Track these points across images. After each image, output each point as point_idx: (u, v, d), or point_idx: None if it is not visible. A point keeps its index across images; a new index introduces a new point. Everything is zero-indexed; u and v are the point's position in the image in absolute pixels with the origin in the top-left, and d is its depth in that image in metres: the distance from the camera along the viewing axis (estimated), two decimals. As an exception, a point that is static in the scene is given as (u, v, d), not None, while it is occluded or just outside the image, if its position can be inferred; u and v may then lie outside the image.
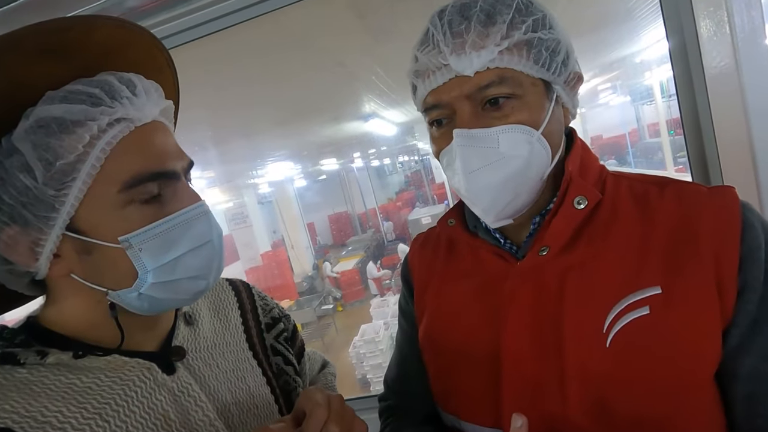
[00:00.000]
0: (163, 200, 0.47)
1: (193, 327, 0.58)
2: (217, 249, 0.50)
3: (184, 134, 0.57)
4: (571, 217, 0.52)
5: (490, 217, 0.54)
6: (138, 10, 1.01)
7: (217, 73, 2.35)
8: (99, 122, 0.43)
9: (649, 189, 0.55)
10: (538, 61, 0.51)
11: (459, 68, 0.50)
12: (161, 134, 0.49)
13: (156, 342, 0.54)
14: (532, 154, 0.51)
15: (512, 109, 0.51)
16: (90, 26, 0.46)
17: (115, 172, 0.44)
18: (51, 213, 0.43)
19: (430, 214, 9.83)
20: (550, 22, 0.52)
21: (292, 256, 10.24)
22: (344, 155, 11.05)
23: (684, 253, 0.49)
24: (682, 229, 0.50)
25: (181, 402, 0.50)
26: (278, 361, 0.66)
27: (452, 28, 0.50)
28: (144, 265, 0.45)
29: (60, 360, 0.46)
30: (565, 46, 0.53)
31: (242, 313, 0.66)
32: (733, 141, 0.82)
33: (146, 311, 0.49)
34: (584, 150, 0.58)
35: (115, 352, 0.49)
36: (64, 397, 0.45)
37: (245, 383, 0.58)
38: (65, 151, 0.42)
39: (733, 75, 0.79)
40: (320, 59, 2.57)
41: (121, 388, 0.47)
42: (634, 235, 0.52)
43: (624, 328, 0.48)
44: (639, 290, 0.49)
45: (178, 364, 0.53)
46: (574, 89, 0.56)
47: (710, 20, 0.79)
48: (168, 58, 0.56)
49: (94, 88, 0.45)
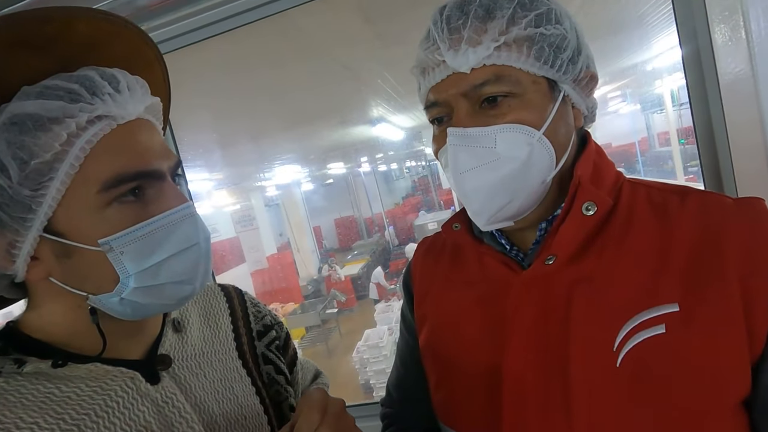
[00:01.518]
0: (147, 201, 0.45)
1: (181, 334, 0.56)
2: (203, 252, 0.48)
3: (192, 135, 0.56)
4: (580, 224, 0.49)
5: (481, 219, 0.52)
6: (145, 9, 1.01)
7: (226, 76, 2.36)
8: (78, 119, 0.41)
9: (669, 198, 0.51)
10: (539, 57, 0.48)
11: (455, 65, 0.48)
12: (146, 132, 0.47)
13: (141, 349, 0.52)
14: (532, 156, 0.48)
15: (510, 108, 0.48)
16: (71, 18, 0.44)
17: (95, 171, 0.42)
18: (27, 214, 0.41)
19: (437, 220, 9.80)
20: (557, 17, 0.49)
21: (297, 260, 10.25)
22: (351, 159, 11.07)
23: (706, 270, 0.45)
24: (705, 243, 0.46)
25: (165, 413, 0.48)
26: (269, 370, 0.63)
27: (450, 23, 0.49)
28: (126, 268, 0.43)
29: (38, 369, 0.44)
30: (574, 42, 0.50)
31: (233, 320, 0.63)
32: (748, 150, 0.79)
33: (129, 317, 0.47)
34: (599, 154, 0.55)
35: (97, 360, 0.47)
36: (41, 407, 0.42)
37: (233, 393, 0.56)
38: (41, 149, 0.40)
39: (748, 81, 0.77)
40: (328, 63, 2.58)
41: (101, 398, 0.45)
42: (651, 248, 0.48)
43: (636, 347, 0.45)
44: (654, 307, 0.45)
45: (164, 373, 0.50)
46: (587, 89, 0.53)
47: (725, 25, 0.77)
48: (157, 52, 0.54)
49: (74, 83, 0.43)
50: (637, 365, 0.45)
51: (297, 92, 3.15)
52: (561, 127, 0.51)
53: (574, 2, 2.19)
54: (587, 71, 0.52)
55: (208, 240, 0.49)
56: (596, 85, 0.54)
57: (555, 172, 0.50)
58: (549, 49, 0.48)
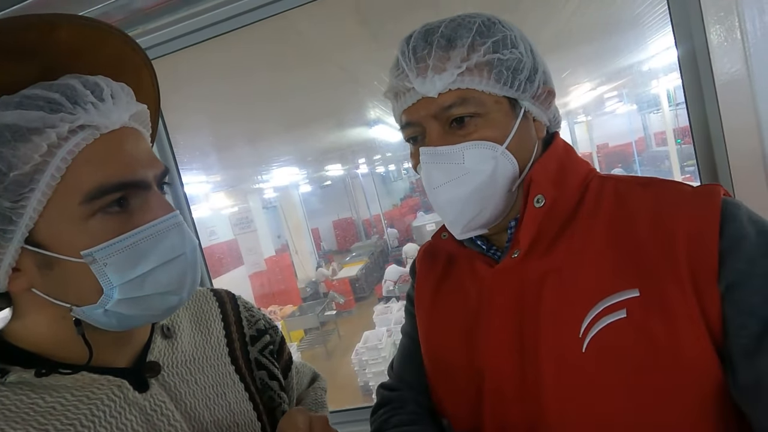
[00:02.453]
0: (132, 211, 0.44)
1: (171, 340, 0.55)
2: (190, 262, 0.47)
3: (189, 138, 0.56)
4: (533, 216, 0.53)
5: (456, 229, 0.57)
6: (142, 12, 1.01)
7: (222, 78, 2.36)
8: (58, 130, 0.40)
9: (632, 189, 0.54)
10: (499, 80, 0.53)
11: (423, 91, 0.53)
12: (131, 141, 0.46)
13: (129, 357, 0.51)
14: (497, 168, 0.53)
15: (476, 127, 0.53)
16: (51, 26, 0.43)
17: (77, 182, 0.41)
18: (8, 225, 0.41)
19: (435, 221, 9.81)
20: (512, 42, 0.54)
21: (296, 262, 10.23)
22: (349, 161, 11.07)
23: (661, 255, 0.48)
24: (660, 230, 0.49)
25: (154, 421, 0.47)
26: (262, 376, 0.63)
27: (416, 53, 0.54)
28: (109, 280, 0.42)
29: (22, 378, 0.43)
30: (530, 62, 0.54)
31: (226, 325, 0.63)
32: (744, 149, 0.80)
33: (115, 327, 0.46)
34: (567, 152, 0.59)
35: (84, 369, 0.46)
36: (24, 418, 0.42)
37: (225, 400, 0.55)
38: (20, 161, 0.40)
39: (744, 81, 0.77)
40: (325, 65, 2.58)
41: (87, 408, 0.44)
42: (613, 237, 0.51)
43: (600, 333, 0.48)
44: (616, 293, 0.48)
45: (152, 380, 0.50)
46: (545, 104, 0.58)
47: (721, 26, 0.78)
48: (145, 58, 0.53)
49: (54, 92, 0.42)
50: (602, 350, 0.48)
51: (294, 94, 3.15)
52: (523, 140, 0.55)
53: (570, 4, 2.19)
54: (544, 87, 0.57)
55: (195, 250, 0.48)
56: (554, 99, 0.59)
57: (519, 180, 0.55)
58: (507, 72, 0.53)
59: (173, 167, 1.27)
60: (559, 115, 0.63)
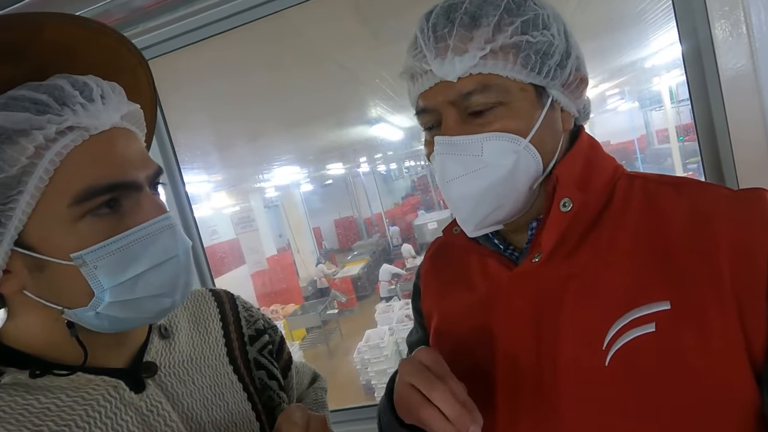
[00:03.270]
0: (123, 213, 0.43)
1: (168, 341, 0.54)
2: (183, 265, 0.46)
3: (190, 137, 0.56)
4: (558, 221, 0.49)
5: (469, 226, 0.53)
6: (141, 10, 1.00)
7: (223, 77, 2.35)
8: (45, 131, 0.40)
9: (663, 190, 0.50)
10: (526, 65, 0.48)
11: (441, 74, 0.48)
12: (122, 141, 0.45)
13: (126, 357, 0.50)
14: (518, 163, 0.48)
15: (497, 117, 0.48)
16: (38, 25, 0.42)
17: (66, 184, 0.41)
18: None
19: (436, 220, 9.80)
20: (544, 22, 0.48)
21: (297, 261, 10.24)
22: (350, 160, 11.06)
23: (698, 266, 0.44)
24: (697, 238, 0.45)
25: (150, 422, 0.47)
26: (261, 376, 0.62)
27: (436, 31, 0.48)
28: (100, 283, 0.42)
29: (16, 380, 0.43)
30: (562, 46, 0.49)
31: (224, 324, 0.62)
32: (749, 145, 0.79)
33: (108, 330, 0.45)
34: (593, 149, 0.54)
35: (80, 370, 0.45)
36: (18, 419, 0.41)
37: (223, 400, 0.54)
38: (6, 163, 0.39)
39: (749, 77, 0.76)
40: (325, 63, 2.57)
41: (83, 409, 0.44)
42: (643, 243, 0.47)
43: (626, 346, 0.45)
44: (644, 305, 0.45)
45: (149, 381, 0.49)
46: (576, 93, 0.53)
47: (726, 20, 0.77)
48: (140, 57, 0.52)
49: (41, 93, 0.41)
50: (626, 364, 0.45)
51: (294, 93, 3.15)
52: (548, 133, 0.51)
53: (572, 0, 2.18)
54: (576, 74, 0.52)
55: (188, 252, 0.47)
56: (586, 87, 0.54)
57: (542, 177, 0.51)
58: (536, 56, 0.48)
59: (175, 167, 1.26)
60: (589, 105, 0.58)
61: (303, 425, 0.45)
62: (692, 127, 0.88)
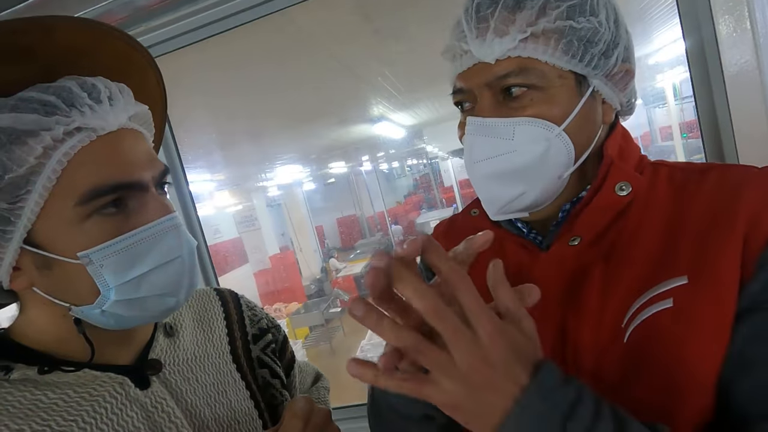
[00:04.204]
0: (129, 213, 0.44)
1: (173, 339, 0.55)
2: (187, 265, 0.47)
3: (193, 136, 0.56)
4: (611, 204, 0.48)
5: (491, 209, 0.52)
6: (146, 10, 1.01)
7: (225, 75, 2.36)
8: (53, 132, 0.41)
9: (689, 177, 0.50)
10: (567, 51, 0.46)
11: (479, 55, 0.47)
12: (129, 142, 0.46)
13: (131, 355, 0.51)
14: (549, 152, 0.47)
15: (532, 102, 0.47)
16: (48, 29, 0.44)
17: (72, 184, 0.42)
18: (6, 226, 0.41)
19: (438, 218, 9.80)
20: (592, 8, 0.47)
21: (300, 259, 10.26)
22: (353, 158, 11.07)
23: (717, 236, 0.43)
24: (719, 210, 0.45)
25: (154, 418, 0.47)
26: (264, 374, 0.63)
27: (479, 11, 0.48)
28: (106, 282, 0.43)
29: (25, 375, 0.44)
30: (609, 35, 0.48)
31: (228, 323, 0.63)
32: (753, 142, 0.78)
33: (113, 327, 0.46)
34: (624, 138, 0.54)
35: (87, 366, 0.46)
36: (27, 414, 0.42)
37: (226, 397, 0.55)
38: (14, 163, 0.40)
39: (753, 73, 0.76)
40: (327, 61, 2.57)
41: (89, 404, 0.45)
42: (665, 225, 0.47)
43: (644, 323, 0.44)
44: (663, 281, 0.45)
45: (153, 378, 0.50)
46: (621, 84, 0.51)
47: (730, 16, 0.76)
48: (149, 58, 0.53)
49: (50, 95, 0.42)
50: (644, 339, 0.44)
51: (297, 91, 3.15)
52: (585, 123, 0.49)
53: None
54: (623, 66, 0.50)
55: (193, 252, 0.48)
56: (632, 79, 0.52)
57: (573, 168, 0.50)
58: (579, 43, 0.46)
59: (178, 166, 1.27)
60: (635, 99, 0.56)
61: (304, 417, 0.45)
62: (696, 125, 0.87)
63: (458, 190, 10.84)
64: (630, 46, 0.51)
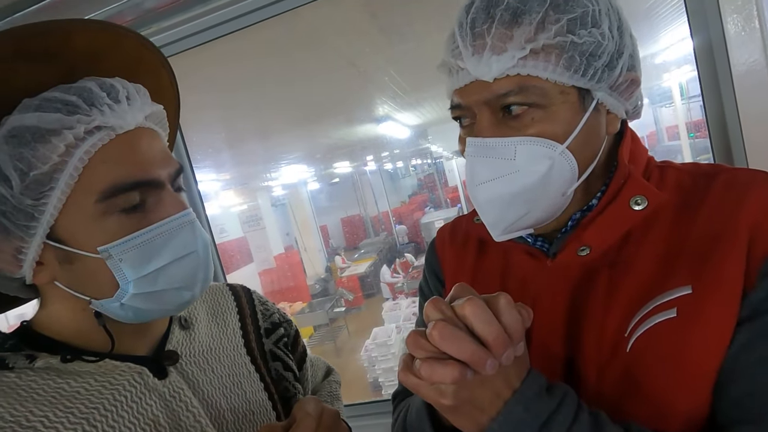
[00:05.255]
0: (146, 209, 0.46)
1: (188, 331, 0.57)
2: (202, 259, 0.48)
3: (198, 136, 0.57)
4: (625, 218, 0.47)
5: (496, 231, 0.51)
6: (154, 11, 1.02)
7: (230, 75, 2.37)
8: (75, 131, 0.42)
9: (696, 181, 0.49)
10: (569, 67, 0.44)
11: (476, 73, 0.46)
12: (146, 141, 0.47)
13: (149, 346, 0.53)
14: (552, 170, 0.46)
15: (533, 121, 0.45)
16: (68, 31, 0.45)
17: (93, 181, 0.43)
18: (30, 222, 0.43)
19: (443, 218, 9.78)
20: (594, 19, 0.44)
21: (304, 259, 10.29)
22: (357, 158, 11.08)
23: (721, 245, 0.43)
24: (724, 218, 0.44)
25: (172, 407, 0.49)
26: (277, 367, 0.64)
27: (474, 27, 0.46)
28: (125, 275, 0.44)
29: (49, 364, 0.45)
30: (613, 46, 0.46)
31: (241, 317, 0.64)
32: (761, 142, 0.78)
33: (131, 320, 0.48)
34: (633, 140, 0.53)
35: (107, 357, 0.48)
36: (51, 401, 0.44)
37: (241, 389, 0.56)
38: (39, 161, 0.41)
39: (762, 72, 0.76)
40: (333, 61, 2.58)
41: (110, 393, 0.46)
42: (672, 233, 0.46)
43: (648, 332, 0.44)
44: (668, 291, 0.44)
45: (171, 368, 0.51)
46: (626, 94, 0.49)
47: (738, 15, 0.76)
48: (162, 58, 0.55)
49: (72, 95, 0.44)
50: (646, 349, 0.44)
51: (303, 91, 3.16)
52: (589, 138, 0.48)
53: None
54: (627, 75, 0.47)
55: (207, 247, 0.49)
56: (638, 87, 0.50)
57: (576, 184, 0.48)
58: (581, 58, 0.44)
59: (187, 165, 1.28)
60: (641, 102, 0.54)
61: (317, 416, 0.46)
62: (703, 124, 0.87)
63: (462, 189, 10.82)
64: (635, 53, 0.49)
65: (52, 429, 0.42)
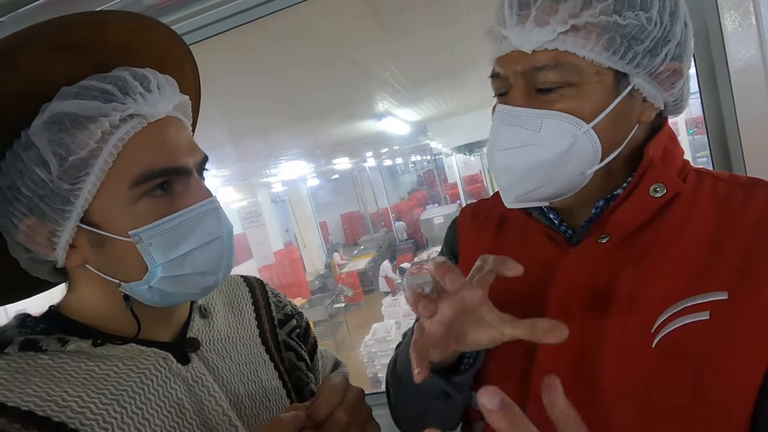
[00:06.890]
0: (174, 196, 0.48)
1: (207, 320, 0.59)
2: (226, 245, 0.50)
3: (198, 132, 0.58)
4: (644, 205, 0.47)
5: (508, 197, 0.51)
6: (155, 8, 1.02)
7: (230, 72, 2.37)
8: (111, 118, 0.44)
9: (734, 191, 0.49)
10: (609, 47, 0.44)
11: (516, 42, 0.46)
12: (174, 130, 0.49)
13: (171, 333, 0.55)
14: (573, 148, 0.46)
15: (563, 96, 0.46)
16: (104, 22, 0.47)
17: (126, 168, 0.45)
18: (66, 206, 0.45)
19: (443, 214, 9.79)
20: (643, 2, 0.43)
21: (304, 255, 10.30)
22: (357, 154, 11.07)
23: (764, 257, 0.43)
24: (764, 232, 0.44)
25: (195, 392, 0.51)
26: (290, 357, 0.66)
27: None
28: (153, 259, 0.46)
29: (80, 347, 0.47)
30: (658, 32, 0.44)
31: (256, 308, 0.66)
32: (759, 138, 0.79)
33: (158, 303, 0.49)
34: (671, 139, 0.52)
35: (132, 341, 0.50)
36: (83, 383, 0.46)
37: (257, 376, 0.59)
38: (77, 146, 0.43)
39: (759, 68, 0.76)
40: (334, 57, 2.58)
41: (137, 376, 0.48)
42: (707, 237, 0.46)
43: (676, 331, 0.44)
44: (701, 294, 0.44)
45: (193, 355, 0.53)
46: (666, 84, 0.48)
47: (735, 11, 0.77)
48: (187, 51, 0.56)
49: (108, 84, 0.45)
50: (674, 348, 0.44)
51: (303, 87, 3.16)
52: (618, 122, 0.47)
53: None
54: (671, 64, 0.46)
55: (231, 234, 0.51)
56: (681, 79, 0.49)
57: (598, 166, 0.48)
58: (622, 40, 0.44)
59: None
60: (684, 100, 0.53)
61: (343, 390, 0.48)
62: (702, 120, 0.88)
63: (462, 186, 10.81)
64: (685, 44, 0.48)
65: (85, 409, 0.44)
